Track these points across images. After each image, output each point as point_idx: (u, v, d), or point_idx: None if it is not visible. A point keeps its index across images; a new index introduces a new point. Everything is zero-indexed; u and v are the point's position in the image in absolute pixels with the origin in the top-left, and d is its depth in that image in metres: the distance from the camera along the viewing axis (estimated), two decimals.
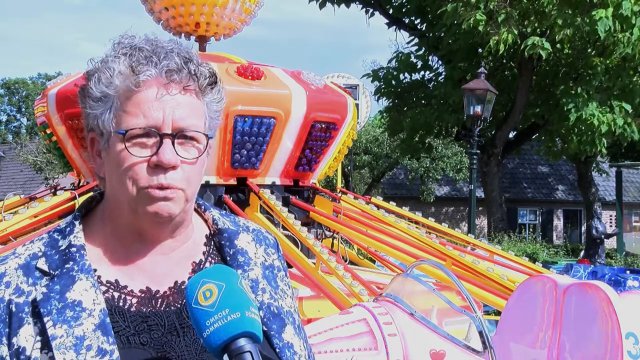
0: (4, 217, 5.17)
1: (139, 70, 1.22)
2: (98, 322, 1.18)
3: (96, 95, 1.26)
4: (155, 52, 1.24)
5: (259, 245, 1.37)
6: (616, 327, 3.15)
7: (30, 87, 49.35)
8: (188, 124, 1.25)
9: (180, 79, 1.24)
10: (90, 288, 1.20)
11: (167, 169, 1.22)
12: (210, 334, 1.10)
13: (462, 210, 28.80)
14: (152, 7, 6.24)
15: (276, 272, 1.37)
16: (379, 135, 27.27)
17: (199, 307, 1.11)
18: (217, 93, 1.31)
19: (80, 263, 1.22)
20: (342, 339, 3.23)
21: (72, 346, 1.15)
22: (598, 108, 17.29)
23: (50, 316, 1.17)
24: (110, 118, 1.25)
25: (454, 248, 5.56)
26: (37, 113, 6.22)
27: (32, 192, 7.07)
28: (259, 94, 5.42)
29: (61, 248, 1.24)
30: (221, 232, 1.36)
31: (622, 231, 21.39)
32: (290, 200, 5.79)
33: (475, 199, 14.47)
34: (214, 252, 1.35)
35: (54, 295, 1.18)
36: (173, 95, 1.24)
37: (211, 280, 1.13)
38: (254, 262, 1.34)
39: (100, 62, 1.26)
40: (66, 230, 1.27)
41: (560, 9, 16.14)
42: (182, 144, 1.25)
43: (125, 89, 1.23)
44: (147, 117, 1.22)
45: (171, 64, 1.24)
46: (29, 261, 1.23)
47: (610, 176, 26.88)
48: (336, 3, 20.19)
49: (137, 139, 1.23)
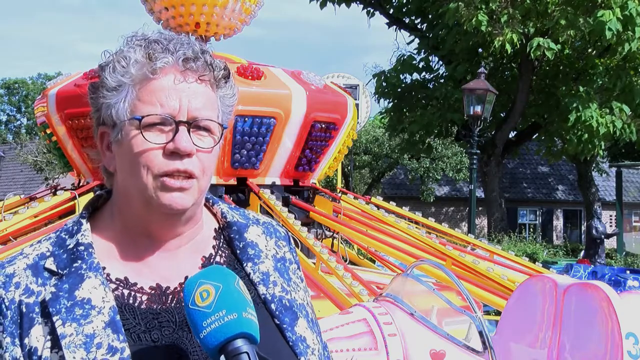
0: (4, 217, 5.17)
1: (156, 58, 1.22)
2: (108, 320, 1.17)
3: (110, 85, 1.25)
4: (171, 42, 1.25)
5: (269, 238, 1.36)
6: (616, 327, 3.15)
7: (30, 87, 49.31)
8: (203, 113, 1.24)
9: (197, 67, 1.25)
10: (99, 286, 1.20)
11: (182, 157, 1.22)
12: (207, 335, 1.09)
13: (462, 210, 28.80)
14: (152, 7, 6.24)
15: (288, 265, 1.36)
16: (379, 136, 27.27)
17: (195, 308, 1.11)
18: (230, 88, 1.32)
19: (88, 261, 1.22)
20: (342, 339, 3.23)
21: (82, 344, 1.14)
22: (597, 110, 17.30)
23: (59, 315, 1.16)
24: (125, 107, 1.24)
25: (454, 248, 5.56)
26: (37, 113, 6.22)
27: (32, 192, 7.07)
28: (259, 94, 5.42)
29: (69, 247, 1.24)
30: (230, 225, 1.35)
31: (622, 231, 21.40)
32: (290, 200, 5.79)
33: (475, 199, 14.47)
34: (223, 245, 1.34)
35: (63, 294, 1.18)
36: (190, 83, 1.24)
37: (208, 281, 1.12)
38: (264, 254, 1.33)
39: (116, 52, 1.26)
40: (73, 229, 1.26)
41: (563, 10, 16.14)
42: (197, 133, 1.24)
43: (141, 77, 1.23)
44: (163, 105, 1.22)
45: (188, 52, 1.24)
46: (38, 261, 1.22)
47: (610, 176, 26.90)
48: (337, 3, 20.20)
49: (153, 126, 1.22)
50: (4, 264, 1.24)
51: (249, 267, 1.31)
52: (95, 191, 5.15)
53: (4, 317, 1.18)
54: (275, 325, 1.27)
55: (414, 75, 20.65)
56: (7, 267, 1.22)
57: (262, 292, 1.29)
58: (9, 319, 1.18)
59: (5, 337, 1.17)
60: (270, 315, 1.28)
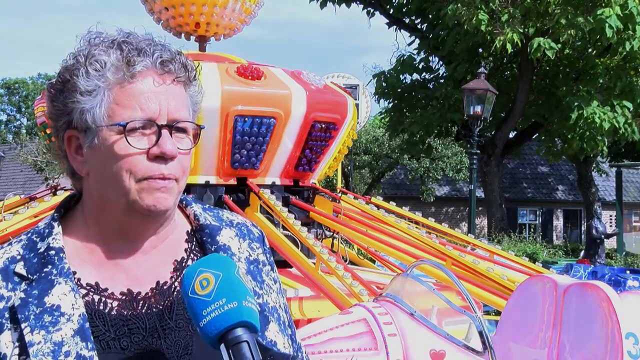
0: (4, 217, 5.17)
1: (134, 62, 1.21)
2: (77, 327, 1.15)
3: (85, 89, 1.22)
4: (141, 43, 1.23)
5: (242, 240, 1.35)
6: (616, 327, 3.15)
7: (30, 87, 49.34)
8: (181, 115, 1.24)
9: (174, 69, 1.24)
10: (69, 292, 1.18)
11: (167, 160, 1.21)
12: (206, 324, 1.08)
13: (462, 210, 28.80)
14: (152, 7, 6.24)
15: (261, 267, 1.35)
16: (379, 135, 27.27)
17: (195, 297, 1.10)
18: (197, 85, 1.31)
19: (59, 266, 1.19)
20: (342, 339, 3.23)
21: (50, 352, 1.13)
22: (599, 107, 17.30)
23: (27, 322, 1.14)
24: (101, 112, 1.21)
25: (454, 248, 5.55)
26: (37, 113, 6.23)
27: (32, 192, 7.06)
28: (259, 94, 5.42)
29: (39, 251, 1.22)
30: (202, 228, 1.33)
31: (622, 231, 21.40)
32: (290, 200, 5.79)
33: (475, 199, 14.47)
34: (195, 248, 1.33)
35: (32, 300, 1.16)
36: (167, 85, 1.23)
37: (208, 269, 1.12)
38: (237, 257, 1.31)
39: (85, 56, 1.23)
40: (44, 232, 1.24)
41: (563, 9, 16.13)
42: (176, 135, 1.24)
43: (117, 81, 1.21)
44: (143, 109, 1.21)
45: (164, 55, 1.23)
46: (8, 265, 1.20)
47: (610, 176, 26.90)
48: (337, 3, 20.20)
49: (134, 131, 1.21)
50: None
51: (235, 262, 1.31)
52: None
53: None
54: None
55: (414, 76, 20.67)
56: None
57: None
58: None
59: None
60: None
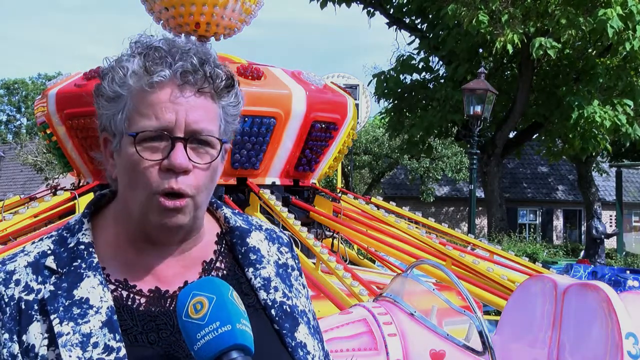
0: (4, 217, 5.18)
1: (153, 71, 1.20)
2: (105, 320, 1.17)
3: (109, 95, 1.23)
4: (171, 52, 1.22)
5: (272, 244, 1.36)
6: (616, 327, 3.15)
7: (30, 87, 49.34)
8: (201, 127, 1.21)
9: (195, 80, 1.21)
10: (98, 285, 1.20)
11: (178, 173, 1.20)
12: (201, 347, 1.09)
13: (462, 210, 28.80)
14: (152, 7, 6.24)
15: (290, 271, 1.35)
16: (379, 136, 27.27)
17: (189, 320, 1.10)
18: (233, 96, 1.28)
19: (88, 260, 1.22)
20: (342, 339, 3.23)
21: (78, 343, 1.15)
22: (600, 106, 17.30)
23: (57, 314, 1.17)
24: (122, 119, 1.22)
25: (454, 248, 5.56)
26: (37, 113, 6.23)
27: (32, 192, 7.07)
28: (259, 94, 5.42)
29: (70, 245, 1.24)
30: (232, 230, 1.34)
31: (622, 231, 21.39)
32: (290, 200, 5.79)
33: (475, 199, 14.46)
34: (225, 250, 1.33)
35: (62, 293, 1.19)
36: (187, 97, 1.21)
37: (201, 292, 1.12)
38: (266, 260, 1.32)
39: (115, 61, 1.24)
40: (75, 228, 1.27)
41: (563, 9, 16.13)
42: (195, 149, 1.22)
43: (138, 89, 1.21)
44: (159, 118, 1.20)
45: (186, 65, 1.21)
46: (38, 259, 1.22)
47: (610, 176, 26.89)
48: (337, 3, 20.20)
49: (148, 141, 1.20)
50: (5, 261, 1.25)
51: (250, 272, 1.31)
52: (95, 191, 5.16)
53: (3, 314, 1.19)
54: (275, 331, 1.27)
55: (414, 76, 20.67)
56: (8, 264, 1.23)
57: (262, 298, 1.29)
58: (7, 315, 1.19)
59: (4, 333, 1.18)
60: (270, 320, 1.27)
